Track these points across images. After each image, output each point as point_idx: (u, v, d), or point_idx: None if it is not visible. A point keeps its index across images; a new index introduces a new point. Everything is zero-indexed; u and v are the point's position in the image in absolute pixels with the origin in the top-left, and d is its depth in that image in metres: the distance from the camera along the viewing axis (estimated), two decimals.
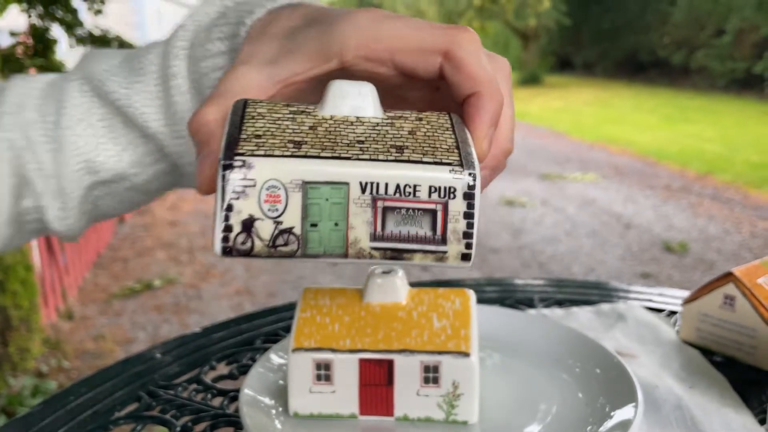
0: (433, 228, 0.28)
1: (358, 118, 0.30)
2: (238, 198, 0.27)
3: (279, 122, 0.29)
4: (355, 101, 0.30)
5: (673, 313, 0.55)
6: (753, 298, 0.45)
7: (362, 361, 0.37)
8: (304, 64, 0.32)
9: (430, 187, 0.27)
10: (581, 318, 0.52)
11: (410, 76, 0.33)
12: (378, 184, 0.27)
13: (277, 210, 0.27)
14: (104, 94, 0.41)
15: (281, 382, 0.41)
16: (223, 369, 0.49)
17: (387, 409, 0.38)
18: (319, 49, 0.32)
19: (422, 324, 0.38)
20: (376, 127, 0.29)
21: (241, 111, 0.29)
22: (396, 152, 0.28)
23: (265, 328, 0.55)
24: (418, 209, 0.28)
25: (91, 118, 0.41)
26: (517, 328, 0.47)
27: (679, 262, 3.44)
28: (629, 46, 13.74)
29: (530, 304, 0.57)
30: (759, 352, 0.45)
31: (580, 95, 11.15)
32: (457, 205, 0.28)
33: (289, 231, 0.27)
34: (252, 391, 0.40)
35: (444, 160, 0.28)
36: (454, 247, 0.28)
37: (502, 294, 0.60)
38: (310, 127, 0.29)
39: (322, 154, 0.27)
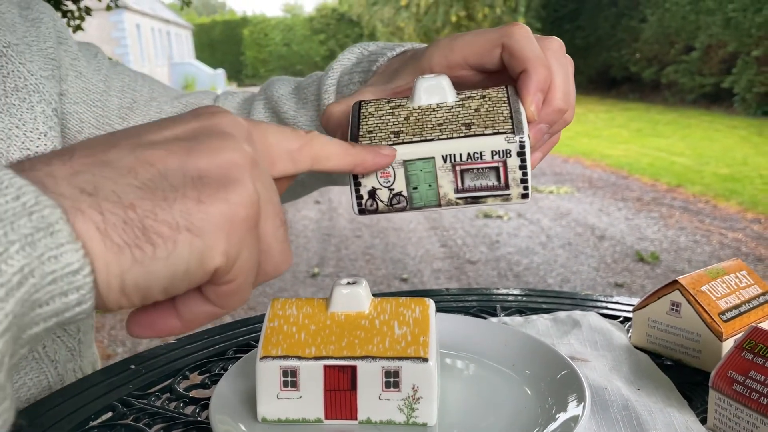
0: (498, 179, 0.38)
1: (438, 104, 0.40)
2: (363, 176, 0.38)
3: (383, 118, 0.40)
4: (434, 89, 0.40)
5: (627, 319, 0.58)
6: (697, 305, 0.48)
7: (327, 368, 0.39)
8: (406, 79, 0.45)
9: (492, 152, 0.37)
10: (539, 325, 0.55)
11: (482, 71, 0.43)
12: (454, 155, 0.38)
13: (389, 181, 0.39)
14: (279, 113, 0.58)
15: (250, 388, 0.42)
16: (196, 378, 0.50)
17: (351, 413, 0.39)
18: (416, 68, 0.44)
19: (384, 331, 0.40)
20: (451, 110, 0.40)
21: (357, 112, 0.41)
22: (465, 129, 0.38)
23: (238, 339, 0.57)
24: (486, 167, 0.38)
25: None
26: (478, 335, 0.49)
27: (651, 272, 3.51)
28: (601, 62, 14.00)
29: (492, 312, 0.60)
30: (703, 356, 0.48)
31: None
32: (514, 161, 0.38)
33: (399, 194, 0.39)
34: (222, 398, 0.41)
35: (500, 130, 0.37)
36: (515, 190, 0.38)
37: (468, 304, 0.62)
38: (405, 118, 0.40)
39: (414, 139, 0.38)
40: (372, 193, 0.39)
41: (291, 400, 0.39)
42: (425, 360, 0.38)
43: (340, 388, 0.39)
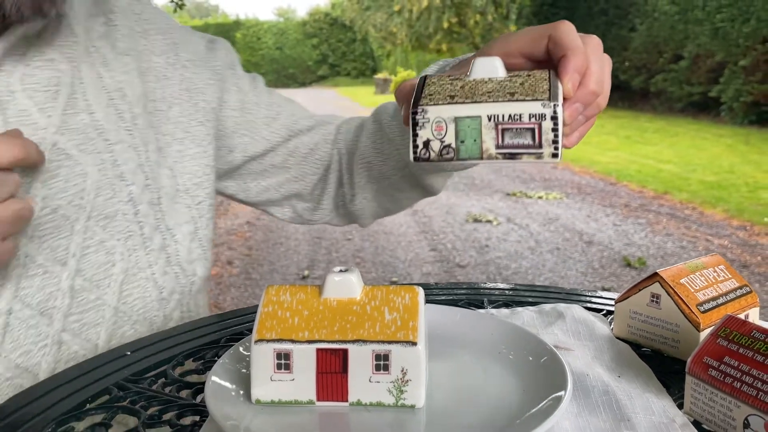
0: (534, 138, 0.44)
1: (489, 78, 0.47)
2: (421, 128, 0.45)
3: (443, 86, 0.47)
4: (488, 67, 0.48)
5: (610, 312, 0.60)
6: (676, 297, 0.50)
7: (319, 351, 0.40)
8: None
9: (530, 114, 0.44)
10: (525, 317, 0.57)
11: (531, 59, 0.51)
12: (497, 115, 0.44)
13: (441, 134, 0.45)
14: (388, 136, 0.72)
15: (244, 371, 0.44)
16: (190, 365, 0.51)
17: (342, 394, 0.41)
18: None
19: (374, 317, 0.41)
20: (501, 83, 0.47)
21: (422, 82, 0.49)
22: (510, 96, 0.45)
23: (231, 328, 0.58)
24: (523, 128, 0.44)
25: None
26: (465, 324, 0.51)
27: (638, 277, 3.55)
28: None
29: (480, 305, 0.62)
30: (681, 346, 0.50)
31: None
32: (548, 124, 0.44)
33: (449, 146, 0.45)
34: (217, 381, 0.42)
35: (538, 98, 0.44)
36: (547, 150, 0.44)
37: (456, 297, 0.64)
38: (461, 87, 0.47)
39: (465, 101, 0.45)
40: (426, 144, 0.46)
41: (284, 382, 0.41)
42: (414, 344, 0.40)
43: (332, 370, 0.41)
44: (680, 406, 0.44)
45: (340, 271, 0.43)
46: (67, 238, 0.59)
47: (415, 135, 0.46)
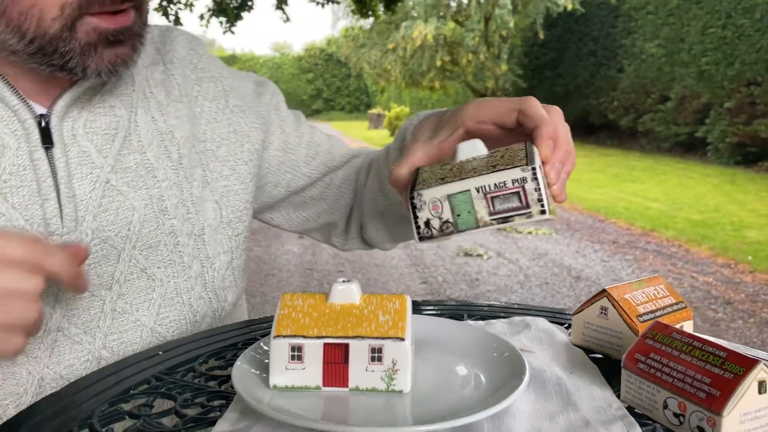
0: (521, 201, 0.50)
1: (474, 157, 0.54)
2: (420, 210, 0.52)
3: (433, 171, 0.55)
4: (471, 150, 0.55)
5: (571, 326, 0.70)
6: (620, 309, 0.60)
7: (326, 345, 0.50)
8: (447, 132, 0.61)
9: (512, 180, 0.50)
10: (497, 327, 0.67)
11: (502, 127, 0.59)
12: (484, 186, 0.51)
13: (439, 212, 0.52)
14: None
15: (265, 361, 0.53)
16: (213, 363, 0.61)
17: (343, 381, 0.50)
18: (452, 123, 0.61)
19: (371, 318, 0.51)
20: (484, 159, 0.54)
21: (416, 173, 0.57)
22: (492, 168, 0.51)
23: (246, 335, 0.67)
24: (510, 193, 0.50)
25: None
26: (447, 330, 0.61)
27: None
28: (581, 109, 14.41)
29: (460, 319, 0.71)
30: (624, 350, 0.60)
31: None
32: (530, 186, 0.50)
33: (447, 221, 0.52)
34: (241, 370, 0.52)
35: (517, 164, 0.50)
36: (535, 208, 0.50)
37: (442, 311, 0.74)
38: (449, 169, 0.54)
39: (455, 180, 0.52)
40: (427, 223, 0.52)
41: (296, 370, 0.50)
42: (402, 339, 0.50)
43: (336, 361, 0.50)
44: (619, 397, 0.53)
45: (343, 281, 0.53)
46: (113, 265, 0.67)
47: (416, 218, 0.52)
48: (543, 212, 0.50)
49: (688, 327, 0.63)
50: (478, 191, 0.50)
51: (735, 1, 10.39)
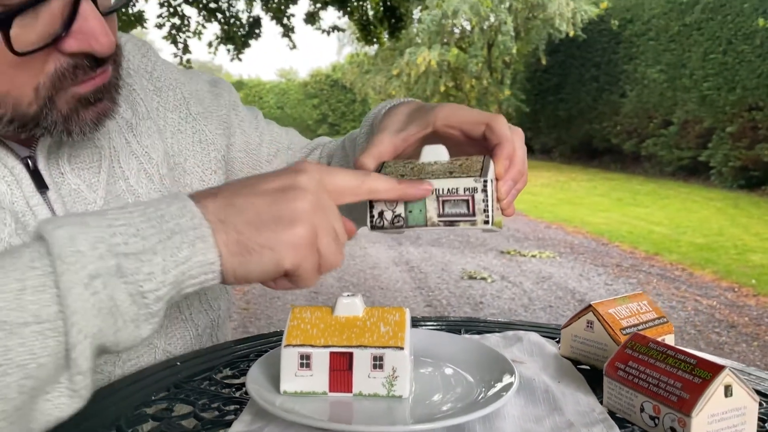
0: (468, 208, 0.54)
1: (436, 161, 0.58)
2: (377, 201, 0.55)
3: (396, 168, 0.58)
4: (434, 154, 0.59)
5: None
6: (605, 323, 0.65)
7: (332, 354, 0.55)
8: (416, 128, 0.63)
9: (464, 188, 0.54)
10: (491, 340, 0.71)
11: (468, 136, 0.61)
12: (439, 189, 0.55)
13: (393, 206, 0.55)
14: (350, 159, 0.82)
15: (273, 372, 0.58)
16: (227, 372, 0.65)
17: (348, 387, 0.55)
18: (424, 121, 0.63)
19: (373, 329, 0.56)
20: (444, 165, 0.58)
21: (380, 167, 0.59)
22: (449, 174, 0.55)
23: (258, 347, 0.72)
24: (460, 199, 0.54)
25: None
26: (443, 342, 0.65)
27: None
28: (584, 133, 14.49)
29: (458, 332, 0.76)
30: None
31: (539, 178, 11.67)
32: (479, 196, 0.54)
33: (399, 215, 0.55)
34: (254, 377, 0.57)
35: (471, 175, 0.55)
36: (480, 217, 0.54)
37: (440, 327, 0.78)
38: (411, 168, 0.58)
39: (413, 179, 0.55)
40: (381, 214, 0.56)
41: (305, 377, 0.55)
42: (402, 348, 0.54)
43: (341, 368, 0.55)
44: (601, 402, 0.58)
45: (348, 295, 0.58)
46: None
47: (372, 207, 0.56)
48: (486, 222, 0.54)
49: (669, 340, 0.67)
50: (432, 193, 0.54)
51: (735, 27, 10.52)
